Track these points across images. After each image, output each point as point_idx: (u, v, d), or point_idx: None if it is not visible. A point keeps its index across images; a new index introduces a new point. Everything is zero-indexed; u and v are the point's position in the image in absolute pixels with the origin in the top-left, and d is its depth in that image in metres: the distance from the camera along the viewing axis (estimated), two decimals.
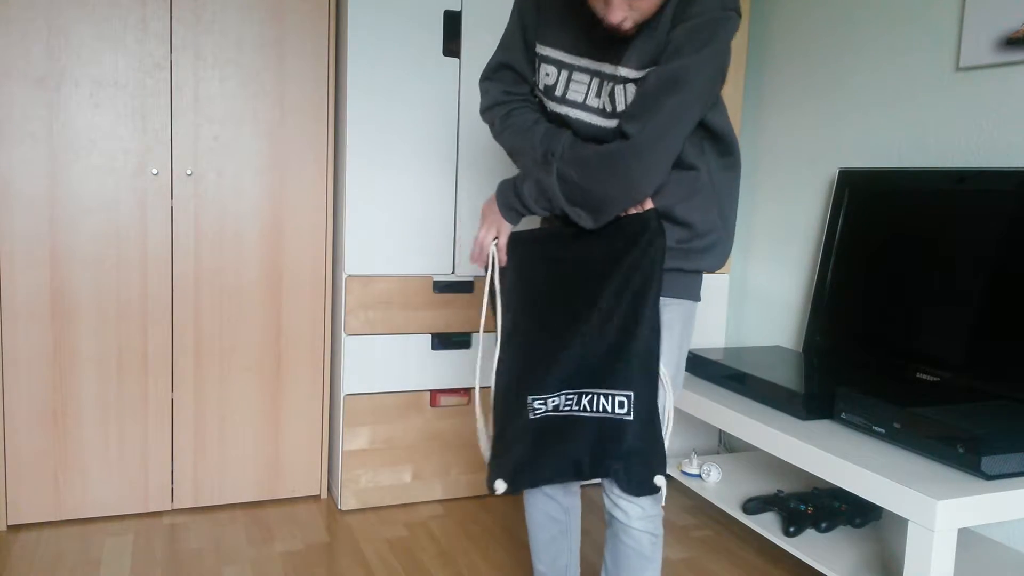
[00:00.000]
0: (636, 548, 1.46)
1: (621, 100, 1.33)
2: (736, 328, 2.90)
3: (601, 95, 1.35)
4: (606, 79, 1.34)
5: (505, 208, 1.43)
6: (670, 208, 1.38)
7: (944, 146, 2.13)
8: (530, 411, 1.44)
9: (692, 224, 1.40)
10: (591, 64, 1.36)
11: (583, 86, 1.38)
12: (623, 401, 1.41)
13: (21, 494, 2.26)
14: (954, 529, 1.43)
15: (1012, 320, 1.80)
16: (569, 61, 1.39)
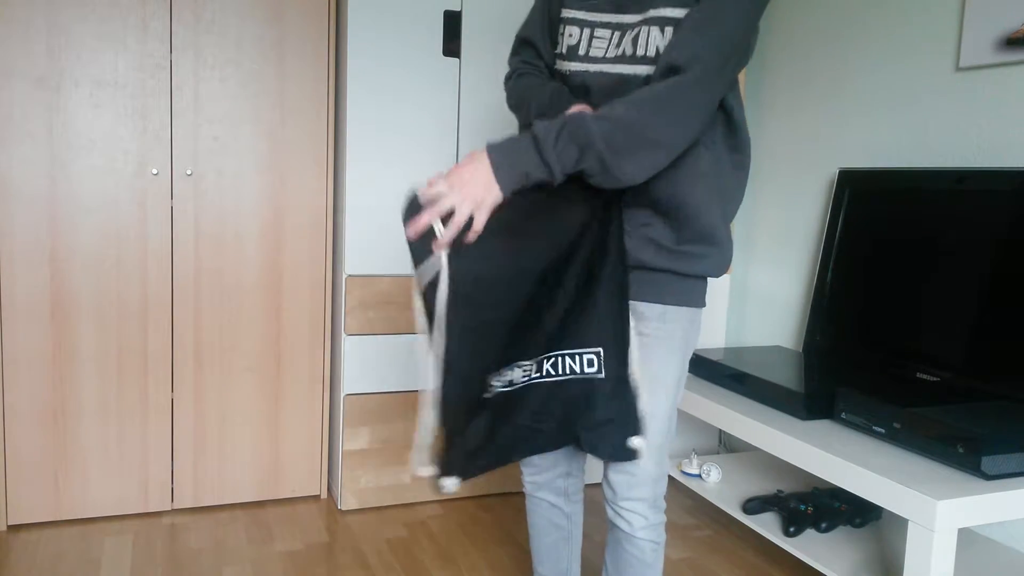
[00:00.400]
0: (639, 556, 1.45)
1: (645, 43, 1.26)
2: (736, 328, 2.90)
3: (622, 44, 1.30)
4: (629, 28, 1.30)
5: (508, 169, 1.20)
6: (669, 195, 1.30)
7: (944, 146, 2.13)
8: (483, 391, 1.31)
9: (689, 216, 1.32)
10: (612, 18, 1.32)
11: (604, 41, 1.32)
12: (592, 359, 1.33)
13: (21, 494, 2.26)
14: (954, 529, 1.43)
15: (1012, 320, 1.80)
16: (591, 19, 1.34)
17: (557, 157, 1.20)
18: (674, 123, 1.21)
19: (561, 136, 1.20)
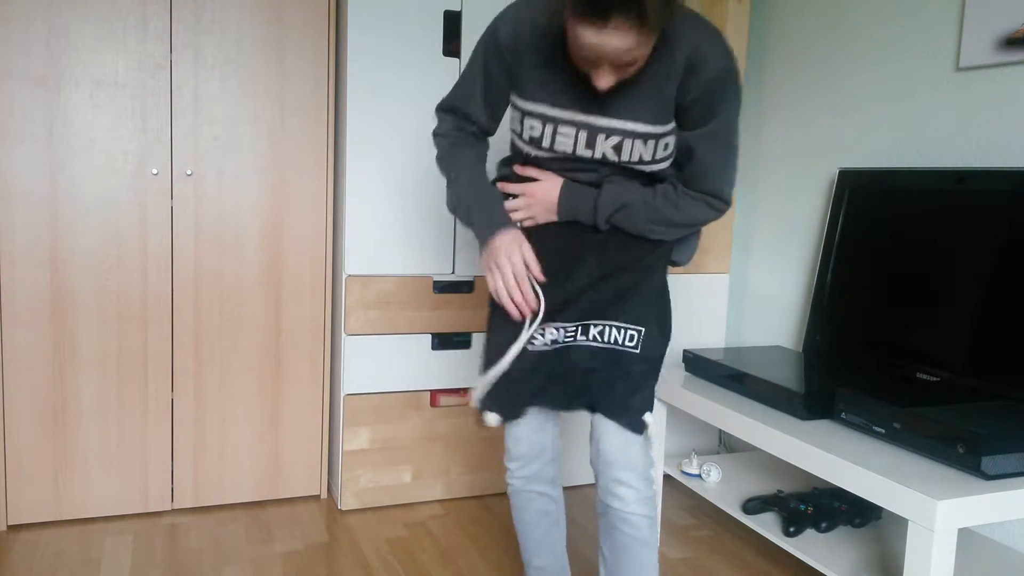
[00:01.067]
0: (635, 534, 1.49)
1: (629, 152, 1.38)
2: (736, 328, 2.89)
3: (595, 146, 1.38)
4: (599, 132, 1.36)
5: (567, 208, 1.43)
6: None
7: (944, 146, 2.13)
8: (530, 342, 1.48)
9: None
10: (576, 116, 1.37)
11: (569, 138, 1.38)
12: (633, 335, 1.47)
13: (21, 494, 2.26)
14: (954, 529, 1.43)
15: (1012, 320, 1.80)
16: (552, 114, 1.38)
17: (606, 222, 1.44)
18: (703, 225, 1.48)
19: (614, 217, 1.42)
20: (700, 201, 1.41)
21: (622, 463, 1.48)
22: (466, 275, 2.52)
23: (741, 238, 2.87)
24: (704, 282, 2.80)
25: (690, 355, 2.24)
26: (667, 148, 1.39)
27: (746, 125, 2.85)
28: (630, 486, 1.47)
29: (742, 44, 2.73)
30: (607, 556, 1.55)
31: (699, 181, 1.40)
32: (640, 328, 1.47)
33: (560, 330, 1.48)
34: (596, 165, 1.42)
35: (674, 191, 1.41)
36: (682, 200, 1.41)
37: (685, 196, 1.41)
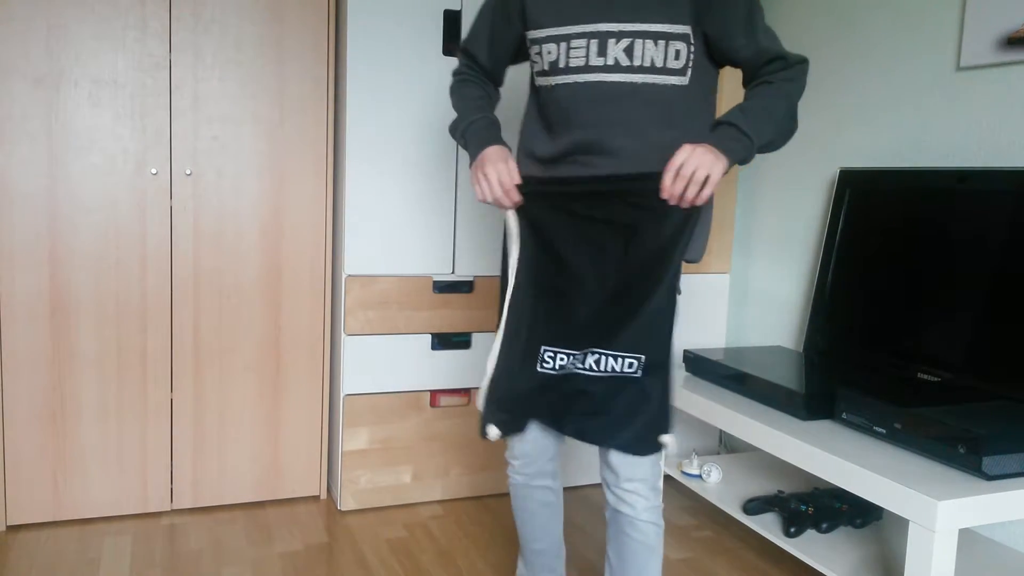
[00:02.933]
0: (643, 541, 1.51)
1: (641, 55, 1.41)
2: (736, 328, 2.89)
3: (607, 53, 1.42)
4: (609, 37, 1.41)
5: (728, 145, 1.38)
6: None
7: (945, 146, 2.13)
8: (539, 362, 1.50)
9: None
10: (585, 28, 1.43)
11: (582, 50, 1.44)
12: (632, 363, 1.47)
13: (21, 494, 2.26)
14: (955, 530, 1.43)
15: (1013, 320, 1.80)
16: (564, 32, 1.45)
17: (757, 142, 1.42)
18: (800, 86, 1.47)
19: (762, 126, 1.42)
20: (780, 76, 1.43)
21: (629, 475, 1.50)
22: (466, 275, 2.52)
23: (741, 238, 2.86)
24: (704, 282, 2.80)
25: (690, 355, 2.24)
26: (679, 56, 1.41)
27: None
28: (639, 495, 1.50)
29: None
30: (613, 563, 1.56)
31: (758, 59, 1.44)
32: (639, 356, 1.46)
33: (568, 356, 1.49)
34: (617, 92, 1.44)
35: (761, 87, 1.44)
36: (770, 87, 1.43)
37: (768, 83, 1.44)
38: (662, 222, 1.40)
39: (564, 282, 1.48)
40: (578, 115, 1.48)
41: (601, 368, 1.48)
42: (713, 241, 2.78)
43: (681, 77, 1.43)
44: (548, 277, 1.49)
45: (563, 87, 1.47)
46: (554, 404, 1.53)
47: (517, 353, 1.50)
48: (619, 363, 1.47)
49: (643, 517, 1.50)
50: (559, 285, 1.48)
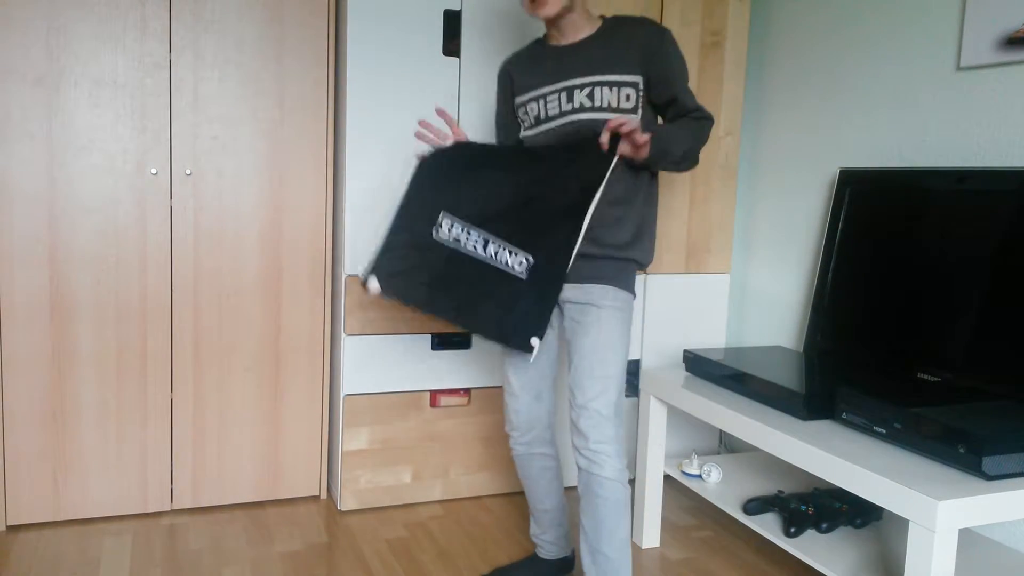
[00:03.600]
0: (608, 497, 1.72)
1: (600, 97, 1.77)
2: (736, 328, 2.89)
3: (573, 99, 1.79)
4: (576, 88, 1.78)
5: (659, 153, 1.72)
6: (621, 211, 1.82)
7: (944, 146, 2.13)
8: (435, 227, 1.69)
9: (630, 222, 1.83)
10: (556, 85, 1.81)
11: (556, 103, 1.82)
12: (522, 261, 1.70)
13: (21, 494, 2.26)
14: (955, 529, 1.43)
15: (1013, 320, 1.80)
16: (540, 92, 1.84)
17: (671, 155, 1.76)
18: (705, 130, 1.82)
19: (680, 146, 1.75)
20: (691, 119, 1.79)
21: (595, 436, 1.73)
22: None
23: (741, 238, 2.86)
24: (704, 282, 2.80)
25: (690, 355, 2.24)
26: (629, 99, 1.77)
27: (747, 124, 2.84)
28: (605, 455, 1.72)
29: (742, 44, 2.73)
30: (587, 528, 1.77)
31: (683, 105, 1.82)
32: (529, 256, 1.69)
33: (464, 231, 1.66)
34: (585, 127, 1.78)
35: (679, 122, 1.78)
36: (685, 119, 1.79)
37: (685, 120, 1.79)
38: (592, 163, 1.66)
39: (487, 174, 1.72)
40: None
41: (495, 258, 1.68)
42: (713, 241, 2.78)
43: (633, 114, 1.78)
44: (474, 166, 1.73)
45: (543, 134, 1.85)
46: (439, 286, 1.67)
47: (416, 213, 1.67)
48: (510, 257, 1.69)
49: (608, 474, 1.72)
50: (480, 176, 1.72)
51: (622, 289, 1.80)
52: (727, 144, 2.76)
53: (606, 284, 1.79)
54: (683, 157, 1.77)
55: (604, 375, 1.75)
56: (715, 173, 2.76)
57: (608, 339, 1.76)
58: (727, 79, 2.73)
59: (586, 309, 1.79)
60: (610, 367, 1.75)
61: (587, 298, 1.80)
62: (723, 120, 2.74)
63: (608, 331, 1.76)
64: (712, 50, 2.69)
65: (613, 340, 1.77)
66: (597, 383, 1.74)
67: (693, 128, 1.78)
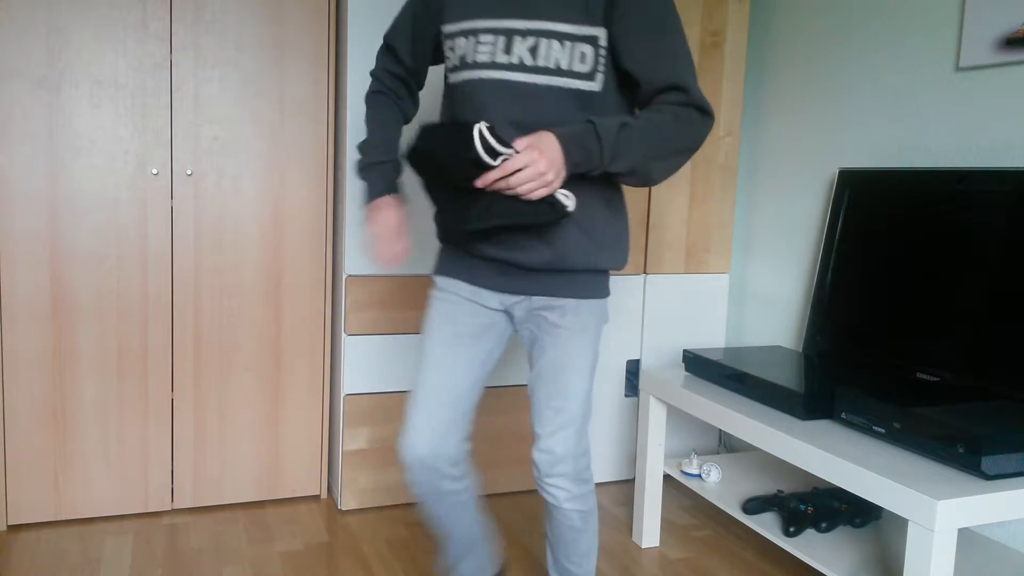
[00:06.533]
0: (568, 524, 1.58)
1: (546, 55, 1.37)
2: (736, 328, 2.90)
3: (512, 49, 1.39)
4: (516, 35, 1.39)
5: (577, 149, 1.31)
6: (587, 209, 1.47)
7: (944, 146, 2.13)
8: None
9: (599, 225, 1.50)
10: (493, 23, 1.41)
11: (488, 46, 1.41)
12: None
13: (21, 494, 2.26)
14: (954, 529, 1.43)
15: (1012, 320, 1.80)
16: (474, 26, 1.43)
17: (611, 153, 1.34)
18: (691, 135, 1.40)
19: (619, 145, 1.34)
20: (670, 109, 1.37)
21: (550, 472, 1.53)
22: None
23: (741, 238, 2.87)
24: (704, 282, 2.80)
25: (690, 355, 2.24)
26: (584, 60, 1.37)
27: (746, 125, 2.85)
28: (561, 488, 1.54)
29: (742, 44, 2.73)
30: (549, 536, 1.64)
31: (655, 77, 1.37)
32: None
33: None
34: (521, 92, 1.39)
35: (646, 111, 1.38)
36: (656, 114, 1.36)
37: (657, 110, 1.37)
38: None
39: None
40: (484, 113, 1.43)
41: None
42: (713, 241, 2.79)
43: (588, 82, 1.39)
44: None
45: (470, 83, 1.44)
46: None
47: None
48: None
49: (565, 506, 1.55)
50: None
51: (588, 299, 1.54)
52: (727, 144, 2.76)
53: (569, 297, 1.52)
54: (632, 172, 1.36)
55: (562, 407, 1.51)
56: (715, 173, 2.76)
57: (569, 361, 1.51)
58: (727, 79, 2.73)
59: (544, 323, 1.53)
60: (570, 398, 1.51)
61: (547, 310, 1.52)
62: (723, 120, 2.74)
63: (570, 352, 1.51)
64: (712, 50, 2.69)
65: (576, 362, 1.52)
66: (555, 417, 1.51)
67: (659, 125, 1.35)
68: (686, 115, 1.37)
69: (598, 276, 1.54)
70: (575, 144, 1.30)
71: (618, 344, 2.72)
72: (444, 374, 1.53)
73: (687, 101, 1.37)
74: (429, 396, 1.53)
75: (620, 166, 1.35)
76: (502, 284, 1.53)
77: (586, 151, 1.31)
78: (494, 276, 1.53)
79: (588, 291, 1.53)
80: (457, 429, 1.55)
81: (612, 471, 2.79)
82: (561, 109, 1.40)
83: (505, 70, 1.39)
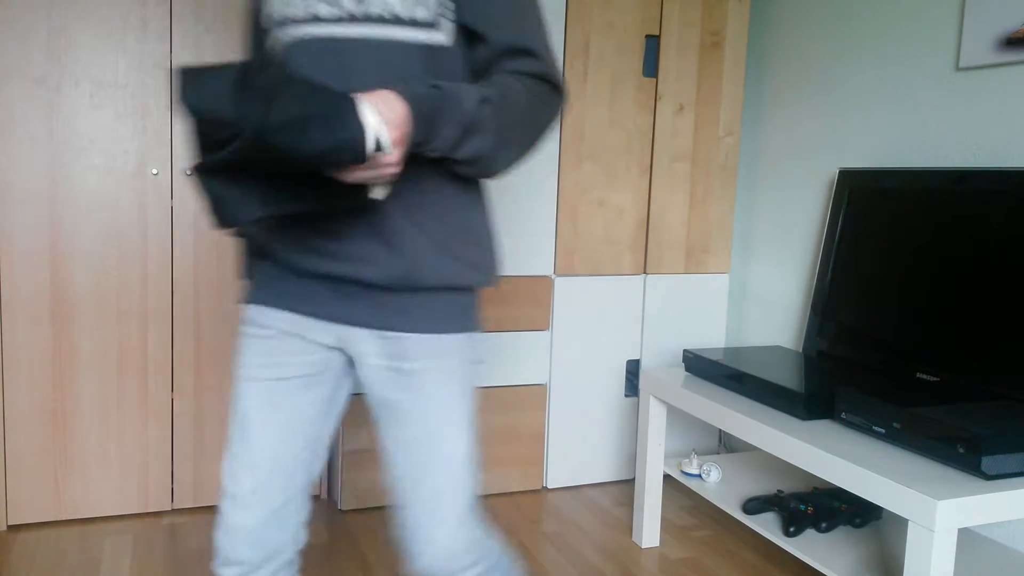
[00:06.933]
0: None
1: (381, 1, 1.05)
2: (736, 328, 2.90)
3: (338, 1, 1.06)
4: None
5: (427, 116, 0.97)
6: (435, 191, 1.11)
7: (944, 146, 2.13)
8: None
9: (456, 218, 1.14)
10: None
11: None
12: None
13: (21, 494, 2.26)
14: (954, 529, 1.43)
15: (1012, 320, 1.80)
16: None
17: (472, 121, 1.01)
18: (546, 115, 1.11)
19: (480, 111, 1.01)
20: (522, 80, 1.07)
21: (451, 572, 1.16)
22: None
23: (741, 238, 2.87)
24: (704, 282, 2.80)
25: (690, 355, 2.24)
26: (427, 5, 1.06)
27: (746, 124, 2.85)
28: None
29: (742, 44, 2.73)
30: None
31: (501, 35, 1.08)
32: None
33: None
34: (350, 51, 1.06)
35: (496, 79, 1.07)
36: (511, 85, 1.06)
37: (507, 80, 1.06)
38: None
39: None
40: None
41: None
42: (713, 241, 2.78)
43: (433, 32, 1.06)
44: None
45: (284, 47, 1.10)
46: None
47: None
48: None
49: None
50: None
51: (454, 333, 1.13)
52: (727, 144, 2.76)
53: (428, 332, 1.11)
54: (489, 154, 1.04)
55: (435, 497, 1.11)
56: (715, 173, 2.76)
57: (441, 421, 1.11)
58: (727, 79, 2.73)
59: (396, 374, 1.11)
60: (451, 474, 1.12)
61: (398, 359, 1.11)
62: (723, 120, 2.74)
63: (439, 408, 1.11)
64: (712, 50, 2.69)
65: (450, 419, 1.12)
66: (428, 514, 1.12)
67: (522, 97, 1.05)
68: (539, 90, 1.08)
69: (462, 298, 1.14)
70: (423, 116, 0.96)
71: (618, 344, 2.72)
72: (263, 440, 1.13)
73: (539, 72, 1.08)
74: (243, 477, 1.13)
75: (467, 150, 1.02)
76: (336, 311, 1.12)
77: (432, 127, 0.98)
78: (326, 300, 1.12)
79: (452, 320, 1.13)
80: (287, 519, 1.15)
81: (612, 471, 2.79)
82: (404, 70, 1.06)
83: (328, 24, 1.06)
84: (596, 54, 2.56)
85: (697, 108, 2.70)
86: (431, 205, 1.09)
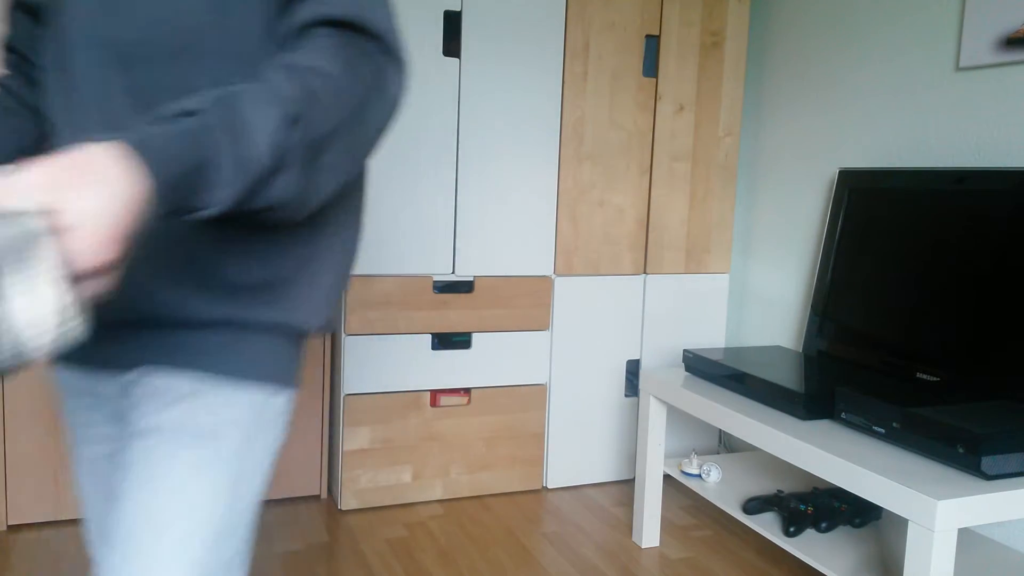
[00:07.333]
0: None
1: None
2: (736, 328, 2.90)
3: None
4: None
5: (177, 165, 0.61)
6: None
7: (944, 146, 2.13)
8: None
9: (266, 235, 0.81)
10: None
11: None
12: None
13: (21, 494, 2.26)
14: (954, 529, 1.43)
15: (1012, 320, 1.80)
16: None
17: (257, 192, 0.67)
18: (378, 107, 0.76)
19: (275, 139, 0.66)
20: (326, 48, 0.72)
21: None
22: (466, 275, 2.52)
23: (741, 238, 2.87)
24: (704, 282, 2.80)
25: (690, 355, 2.24)
26: None
27: (746, 124, 2.85)
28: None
29: (742, 44, 2.73)
30: None
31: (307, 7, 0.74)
32: None
33: None
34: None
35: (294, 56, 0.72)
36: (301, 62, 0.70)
37: (303, 57, 0.71)
38: None
39: None
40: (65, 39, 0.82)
41: None
42: (713, 241, 2.78)
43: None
44: None
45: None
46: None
47: None
48: None
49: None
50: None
51: (233, 382, 0.80)
52: (727, 144, 2.76)
53: (191, 370, 0.79)
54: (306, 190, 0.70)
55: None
56: (715, 173, 2.76)
57: (164, 505, 0.76)
58: (727, 79, 2.73)
59: (136, 429, 0.79)
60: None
61: (140, 402, 0.80)
62: (723, 120, 2.74)
63: (167, 485, 0.76)
64: (712, 50, 2.69)
65: (175, 507, 0.76)
66: None
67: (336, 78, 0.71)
68: (366, 67, 0.74)
69: (260, 339, 0.82)
70: (171, 179, 0.61)
71: (618, 344, 2.72)
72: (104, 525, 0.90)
73: (365, 24, 0.74)
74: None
75: (264, 198, 0.68)
76: (111, 354, 0.84)
77: (195, 187, 0.63)
78: (106, 343, 0.84)
79: (231, 365, 0.80)
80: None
81: (612, 471, 2.79)
82: (184, 8, 0.75)
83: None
84: (596, 54, 2.56)
85: (697, 108, 2.70)
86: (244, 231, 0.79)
